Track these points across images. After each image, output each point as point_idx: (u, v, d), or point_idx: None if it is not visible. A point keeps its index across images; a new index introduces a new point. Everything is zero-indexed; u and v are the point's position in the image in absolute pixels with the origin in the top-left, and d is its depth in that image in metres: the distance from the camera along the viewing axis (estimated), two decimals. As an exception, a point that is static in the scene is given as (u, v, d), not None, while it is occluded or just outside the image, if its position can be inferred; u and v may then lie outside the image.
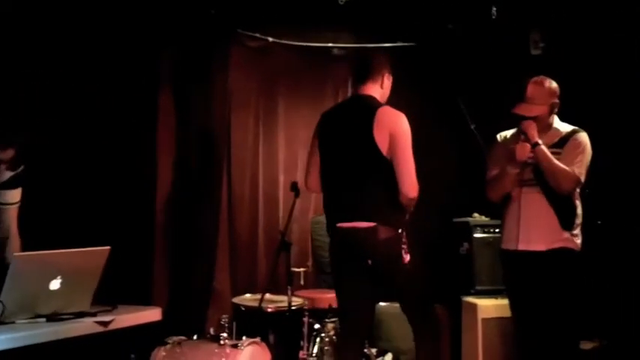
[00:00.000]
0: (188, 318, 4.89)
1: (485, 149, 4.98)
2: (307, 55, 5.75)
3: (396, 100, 4.31)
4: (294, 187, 4.33)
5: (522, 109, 3.69)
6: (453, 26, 5.22)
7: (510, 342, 4.72)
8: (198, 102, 5.27)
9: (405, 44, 5.65)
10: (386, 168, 3.46)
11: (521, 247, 3.71)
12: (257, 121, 5.69)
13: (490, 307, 4.80)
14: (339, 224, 3.57)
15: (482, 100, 5.25)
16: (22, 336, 2.87)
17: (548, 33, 4.87)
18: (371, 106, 3.55)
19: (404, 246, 3.50)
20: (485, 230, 5.06)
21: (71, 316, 3.16)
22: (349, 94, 5.94)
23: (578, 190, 3.73)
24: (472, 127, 4.91)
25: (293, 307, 4.35)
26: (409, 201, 3.49)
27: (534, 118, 3.66)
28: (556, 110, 3.76)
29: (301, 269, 4.98)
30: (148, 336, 3.68)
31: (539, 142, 3.61)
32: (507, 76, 5.21)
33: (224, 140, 5.45)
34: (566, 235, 3.67)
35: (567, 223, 3.67)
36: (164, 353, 3.85)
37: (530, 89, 3.71)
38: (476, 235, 5.05)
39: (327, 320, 4.64)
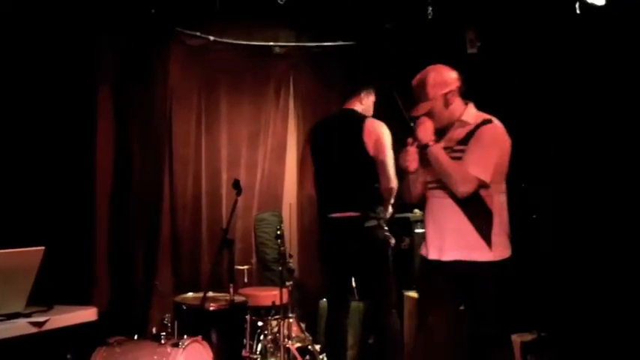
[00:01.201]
0: (130, 318, 4.86)
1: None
2: (248, 53, 5.77)
3: (336, 98, 4.39)
4: (236, 185, 4.35)
5: (413, 110, 3.38)
6: (390, 26, 5.27)
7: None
8: (139, 100, 5.23)
9: (345, 43, 5.71)
10: (372, 167, 4.13)
11: (431, 256, 3.38)
12: (199, 119, 5.68)
13: (430, 300, 4.87)
14: (331, 215, 4.18)
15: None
16: (-46, 338, 2.84)
17: (484, 32, 4.95)
18: (358, 117, 4.25)
19: (387, 233, 4.16)
20: (426, 226, 5.13)
21: (4, 318, 3.12)
22: (291, 91, 6.03)
23: (501, 187, 3.32)
24: (411, 124, 4.96)
25: (235, 304, 4.36)
26: (388, 191, 4.12)
27: (429, 116, 3.32)
28: (453, 99, 3.32)
29: (245, 267, 4.99)
30: (85, 336, 3.65)
31: (430, 142, 3.27)
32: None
33: (165, 138, 5.43)
34: (480, 244, 3.24)
35: (481, 230, 3.25)
36: (104, 353, 3.81)
37: (414, 87, 3.38)
38: (417, 231, 5.11)
39: (270, 318, 4.65)
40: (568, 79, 4.54)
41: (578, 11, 4.16)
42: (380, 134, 4.16)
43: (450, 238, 3.30)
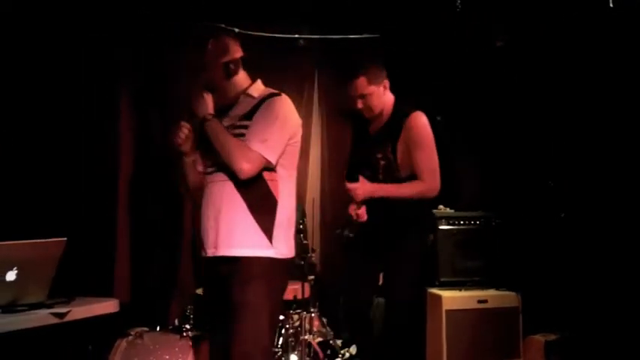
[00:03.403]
0: (152, 309, 4.85)
1: (450, 141, 5.00)
2: (272, 45, 5.70)
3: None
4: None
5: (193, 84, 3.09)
6: (418, 19, 5.21)
7: (475, 333, 4.77)
8: (162, 94, 5.20)
9: (370, 36, 5.64)
10: None
11: (206, 253, 2.97)
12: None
13: (454, 298, 4.83)
14: None
15: (448, 91, 5.27)
16: (-23, 327, 2.84)
17: (512, 25, 4.88)
18: None
19: None
20: (450, 222, 5.07)
21: (26, 308, 3.12)
22: (315, 85, 5.98)
23: (291, 173, 3.01)
24: (437, 118, 4.90)
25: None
26: None
27: (210, 89, 3.01)
28: (236, 70, 3.06)
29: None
30: (107, 327, 3.66)
31: (207, 116, 2.92)
32: (472, 66, 5.24)
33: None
34: (260, 237, 2.87)
35: (262, 221, 2.88)
36: (126, 344, 3.82)
37: (193, 57, 3.08)
38: (441, 227, 5.05)
39: (291, 312, 4.62)
40: (600, 73, 4.45)
41: (611, 4, 4.05)
42: None
43: (226, 230, 2.89)
